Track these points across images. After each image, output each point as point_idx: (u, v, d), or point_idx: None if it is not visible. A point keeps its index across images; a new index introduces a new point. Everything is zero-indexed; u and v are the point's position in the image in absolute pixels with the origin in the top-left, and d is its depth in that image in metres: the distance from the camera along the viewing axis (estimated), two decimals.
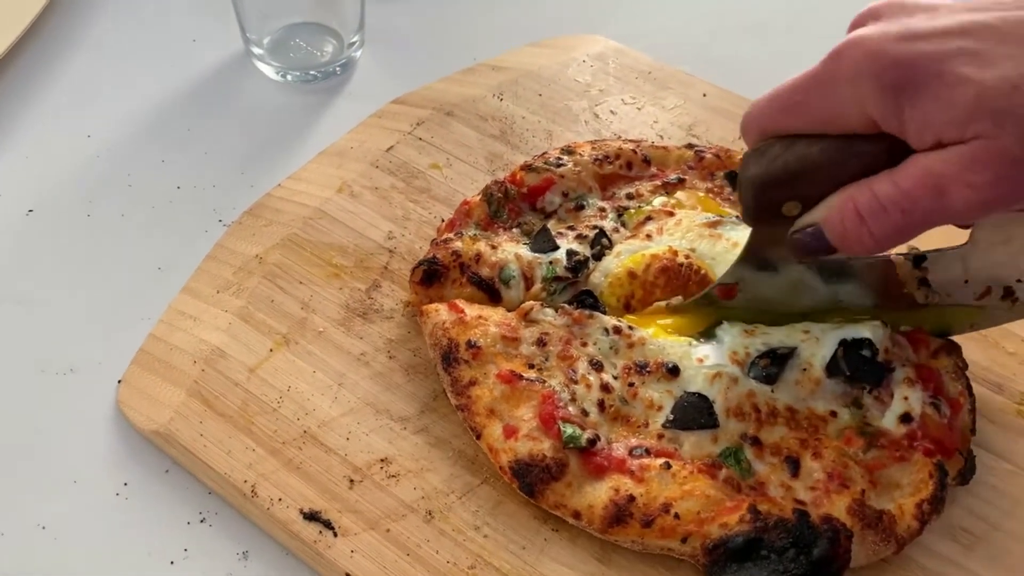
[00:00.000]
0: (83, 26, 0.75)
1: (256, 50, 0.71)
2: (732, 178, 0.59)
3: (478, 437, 0.47)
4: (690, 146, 0.62)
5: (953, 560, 0.46)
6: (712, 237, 0.54)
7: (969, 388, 0.50)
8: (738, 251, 0.51)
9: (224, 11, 0.72)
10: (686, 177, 0.60)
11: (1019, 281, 0.49)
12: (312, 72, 0.71)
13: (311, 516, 0.46)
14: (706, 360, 0.49)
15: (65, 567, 0.46)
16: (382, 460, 0.48)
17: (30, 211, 0.61)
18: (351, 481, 0.47)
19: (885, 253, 0.45)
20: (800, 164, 0.42)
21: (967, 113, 0.36)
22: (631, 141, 0.62)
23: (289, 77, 0.72)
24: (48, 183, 0.63)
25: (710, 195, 0.59)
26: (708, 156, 0.60)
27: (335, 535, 0.45)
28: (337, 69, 0.72)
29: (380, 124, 0.68)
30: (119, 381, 0.52)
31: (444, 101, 0.69)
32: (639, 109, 0.69)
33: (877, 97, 0.38)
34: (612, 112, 0.69)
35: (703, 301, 0.51)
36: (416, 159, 0.65)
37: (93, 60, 0.73)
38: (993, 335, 0.55)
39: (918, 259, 0.50)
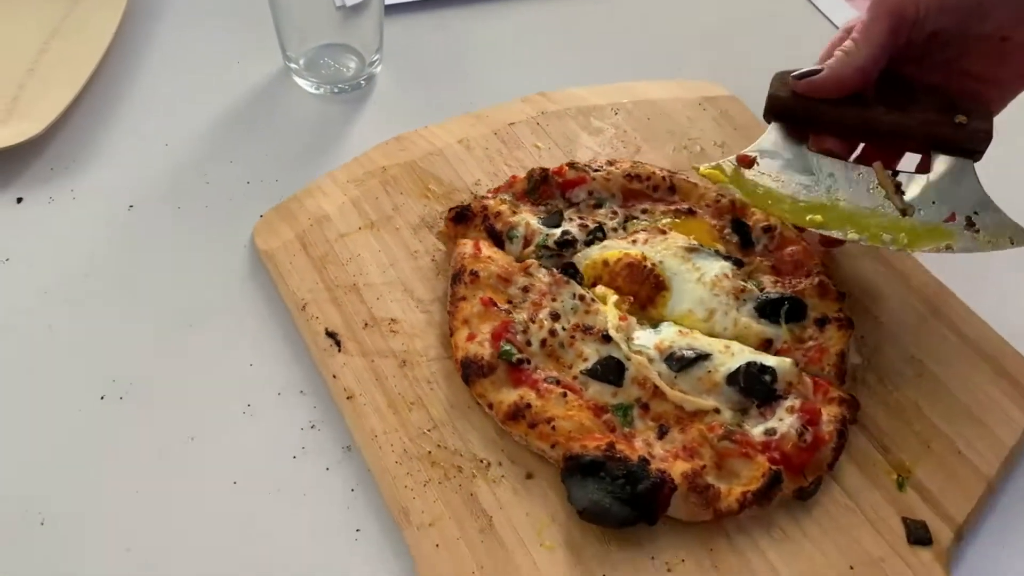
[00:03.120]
0: (149, 49, 0.90)
1: (294, 66, 0.88)
2: (738, 226, 0.70)
3: (451, 335, 0.65)
4: (721, 195, 0.72)
5: (757, 545, 0.57)
6: (684, 259, 0.67)
7: (841, 434, 0.60)
8: (697, 281, 0.64)
9: (258, 35, 0.87)
10: (699, 211, 0.71)
11: (976, 213, 0.54)
12: (342, 85, 0.88)
13: (330, 334, 0.66)
14: (637, 341, 0.63)
15: (202, 467, 0.60)
16: (391, 320, 0.67)
17: (131, 206, 0.76)
18: (365, 324, 0.67)
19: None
20: None
21: None
22: (669, 171, 0.74)
23: (322, 90, 0.88)
24: (142, 183, 0.78)
25: (713, 230, 0.70)
26: (724, 201, 0.72)
27: (339, 350, 0.65)
28: (362, 83, 0.89)
29: (510, 107, 0.86)
30: (260, 216, 0.75)
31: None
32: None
33: None
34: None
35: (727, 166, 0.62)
36: (527, 137, 0.83)
37: (158, 84, 0.88)
38: (907, 413, 0.63)
39: (895, 171, 0.56)
